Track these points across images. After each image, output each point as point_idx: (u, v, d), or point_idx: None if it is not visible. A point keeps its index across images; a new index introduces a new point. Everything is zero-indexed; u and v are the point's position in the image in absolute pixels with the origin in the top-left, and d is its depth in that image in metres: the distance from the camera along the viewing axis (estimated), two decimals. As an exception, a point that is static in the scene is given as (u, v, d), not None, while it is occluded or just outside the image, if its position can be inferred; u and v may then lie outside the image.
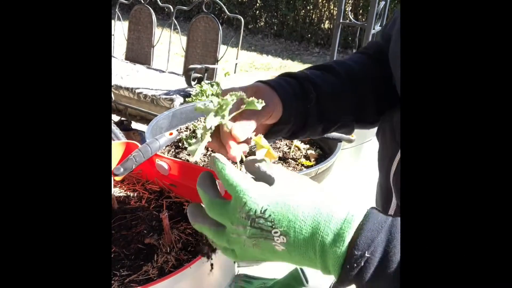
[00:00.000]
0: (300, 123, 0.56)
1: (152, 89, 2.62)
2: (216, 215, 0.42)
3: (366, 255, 0.35)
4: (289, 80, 0.56)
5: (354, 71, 0.62)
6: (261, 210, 0.39)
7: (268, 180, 0.41)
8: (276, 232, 0.38)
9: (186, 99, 2.51)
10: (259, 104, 0.42)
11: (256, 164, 0.42)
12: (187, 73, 2.51)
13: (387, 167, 0.60)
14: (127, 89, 2.65)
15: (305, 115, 0.56)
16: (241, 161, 0.44)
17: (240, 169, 0.44)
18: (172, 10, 2.98)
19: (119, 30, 3.20)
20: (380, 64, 0.64)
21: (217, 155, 0.42)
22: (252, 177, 0.42)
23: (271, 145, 1.01)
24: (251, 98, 0.42)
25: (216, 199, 0.42)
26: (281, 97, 0.52)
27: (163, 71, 2.97)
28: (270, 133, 0.56)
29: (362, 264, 0.35)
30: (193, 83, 2.50)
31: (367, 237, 0.36)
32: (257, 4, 6.90)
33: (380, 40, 0.69)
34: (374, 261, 0.35)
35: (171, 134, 0.80)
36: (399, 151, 0.55)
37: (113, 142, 0.80)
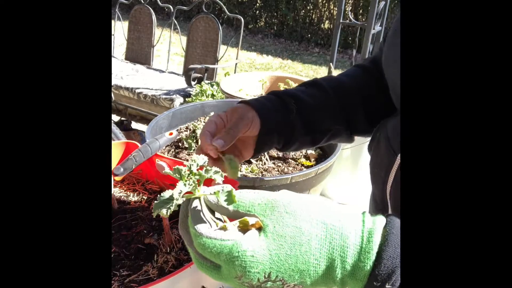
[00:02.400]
0: (287, 134, 0.58)
1: (152, 89, 2.62)
2: (210, 277, 0.37)
3: (387, 287, 0.32)
4: (268, 97, 0.60)
5: (342, 85, 0.64)
6: (265, 276, 0.33)
7: (254, 226, 0.35)
8: (289, 286, 0.34)
9: (186, 99, 2.51)
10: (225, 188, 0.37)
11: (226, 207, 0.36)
12: (187, 73, 2.51)
13: (384, 179, 0.55)
14: (127, 89, 2.65)
15: (290, 126, 0.58)
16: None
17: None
18: (172, 10, 2.98)
19: (119, 30, 3.20)
20: (373, 75, 0.65)
21: (194, 219, 0.36)
22: (235, 225, 0.37)
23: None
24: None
25: (205, 262, 0.36)
26: (257, 110, 0.55)
27: (163, 71, 2.97)
28: (258, 145, 0.58)
29: None
30: (193, 83, 2.50)
31: (388, 267, 0.32)
32: (257, 4, 6.90)
33: (382, 45, 0.69)
34: None
35: (171, 134, 0.80)
36: (396, 160, 0.51)
37: (113, 142, 0.80)
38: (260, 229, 0.35)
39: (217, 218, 0.38)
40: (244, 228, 0.36)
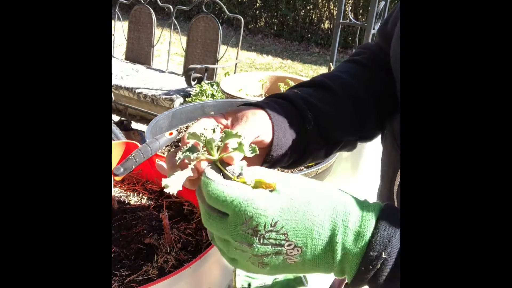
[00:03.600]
0: (299, 152, 0.50)
1: (152, 89, 2.62)
2: (214, 230, 0.37)
3: (383, 256, 0.33)
4: (279, 102, 0.49)
5: (351, 86, 0.56)
6: (271, 223, 0.34)
7: (269, 185, 0.36)
8: (290, 245, 0.34)
9: (186, 99, 2.51)
10: (247, 149, 0.37)
11: (253, 171, 0.37)
12: (187, 73, 2.52)
13: (391, 177, 0.55)
14: (127, 89, 2.65)
15: (305, 141, 0.49)
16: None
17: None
18: (172, 10, 2.98)
19: (119, 30, 3.20)
20: (375, 73, 0.59)
21: (208, 168, 0.37)
22: (249, 185, 0.37)
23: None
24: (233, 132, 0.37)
25: (212, 213, 0.37)
26: (271, 117, 0.45)
27: (163, 71, 2.97)
28: (266, 163, 0.49)
29: (379, 266, 0.33)
30: (193, 83, 2.50)
31: (383, 236, 0.33)
32: (257, 4, 6.90)
33: (378, 40, 0.64)
34: (390, 263, 0.33)
35: (171, 134, 0.80)
36: None
37: (113, 142, 0.80)
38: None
39: None
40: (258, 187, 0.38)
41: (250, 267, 0.37)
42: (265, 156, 0.47)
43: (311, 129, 0.49)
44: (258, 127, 0.43)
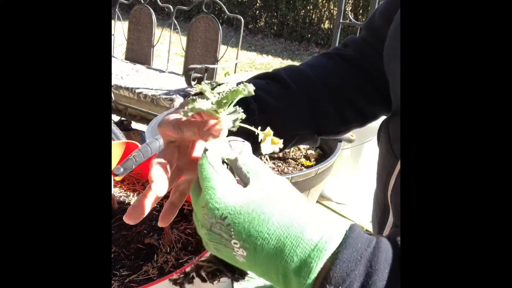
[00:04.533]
0: (248, 139, 0.47)
1: (152, 89, 2.62)
2: (192, 197, 0.38)
3: None
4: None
5: (307, 79, 0.55)
6: (221, 216, 0.33)
7: (244, 179, 0.36)
8: (236, 243, 0.33)
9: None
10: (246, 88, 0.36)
11: (236, 157, 0.37)
12: (187, 73, 2.51)
13: (385, 181, 0.53)
14: (127, 89, 2.65)
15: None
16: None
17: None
18: (172, 10, 2.98)
19: (119, 30, 3.20)
20: (356, 68, 0.58)
21: (210, 146, 0.37)
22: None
23: None
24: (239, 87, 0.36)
25: (196, 187, 0.37)
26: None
27: (163, 71, 2.97)
28: None
29: None
30: (193, 83, 2.50)
31: (343, 269, 0.30)
32: (257, 4, 6.90)
33: (366, 35, 0.62)
34: None
35: (171, 134, 0.80)
36: (398, 164, 0.49)
37: (113, 142, 0.80)
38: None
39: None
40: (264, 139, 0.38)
41: (210, 249, 0.37)
42: None
43: (256, 120, 0.49)
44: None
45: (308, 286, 0.30)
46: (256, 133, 0.39)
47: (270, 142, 0.39)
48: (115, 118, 2.79)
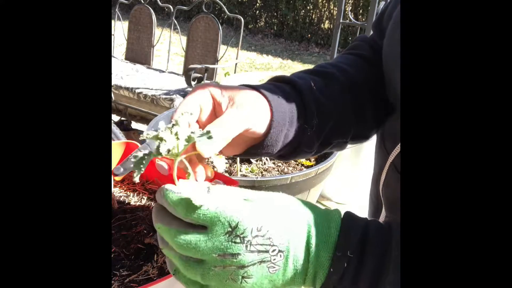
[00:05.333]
0: (290, 148, 0.46)
1: (152, 89, 2.62)
2: (190, 252, 0.34)
3: (348, 254, 0.35)
4: (289, 93, 0.44)
5: (356, 81, 0.52)
6: (257, 228, 0.33)
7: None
8: (274, 250, 0.34)
9: (186, 99, 2.50)
10: (217, 160, 0.35)
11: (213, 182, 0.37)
12: (187, 73, 2.52)
13: (377, 176, 0.55)
14: (127, 89, 2.65)
15: (300, 140, 0.45)
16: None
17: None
18: (172, 10, 2.98)
19: (119, 30, 3.20)
20: (377, 67, 0.55)
21: (166, 185, 0.35)
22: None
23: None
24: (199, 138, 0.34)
25: (184, 229, 0.34)
26: (272, 113, 0.41)
27: (163, 71, 2.97)
28: (248, 153, 0.45)
29: (345, 265, 0.35)
30: (193, 83, 2.50)
31: (346, 238, 0.35)
32: (257, 4, 6.90)
33: (374, 35, 0.61)
34: (354, 262, 0.35)
35: (171, 134, 0.80)
36: (388, 160, 0.51)
37: (113, 142, 0.80)
38: None
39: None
40: None
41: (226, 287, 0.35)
42: (250, 147, 0.44)
43: (311, 134, 0.46)
44: (254, 119, 0.40)
45: (330, 255, 0.35)
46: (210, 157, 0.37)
47: (222, 159, 0.37)
48: (115, 118, 2.79)
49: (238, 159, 1.11)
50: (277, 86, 0.45)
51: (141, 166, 0.34)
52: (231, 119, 0.38)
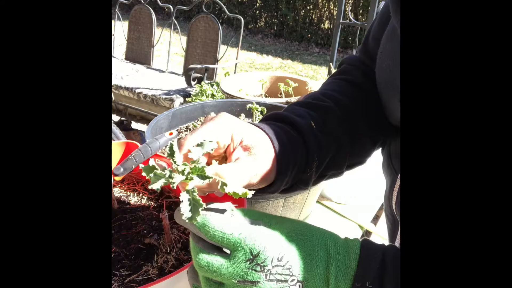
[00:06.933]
0: (287, 185, 0.47)
1: (152, 89, 2.63)
2: (211, 274, 0.35)
3: (368, 286, 0.34)
4: (292, 137, 0.45)
5: (351, 111, 0.52)
6: (278, 257, 0.33)
7: (260, 219, 0.37)
8: (293, 280, 0.34)
9: (186, 99, 2.51)
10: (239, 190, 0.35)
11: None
12: (187, 73, 2.52)
13: (388, 195, 0.55)
14: (127, 89, 2.65)
15: (297, 178, 0.47)
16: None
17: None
18: (172, 10, 2.98)
19: (119, 30, 3.20)
20: (370, 92, 0.55)
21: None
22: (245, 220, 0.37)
23: None
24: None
25: (208, 250, 0.35)
26: (277, 159, 0.42)
27: (163, 71, 2.97)
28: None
29: None
30: (193, 83, 2.50)
31: (365, 268, 0.34)
32: (257, 4, 6.91)
33: (362, 57, 0.60)
34: None
35: (171, 134, 0.80)
36: (398, 179, 0.51)
37: (113, 142, 0.80)
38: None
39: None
40: None
41: None
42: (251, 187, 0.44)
43: (310, 173, 0.47)
44: (261, 168, 0.41)
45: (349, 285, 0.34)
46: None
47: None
48: (115, 118, 2.80)
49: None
50: (280, 128, 0.45)
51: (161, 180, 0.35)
52: (246, 171, 0.39)
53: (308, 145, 0.45)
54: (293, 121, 0.46)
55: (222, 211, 0.36)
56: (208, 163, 0.39)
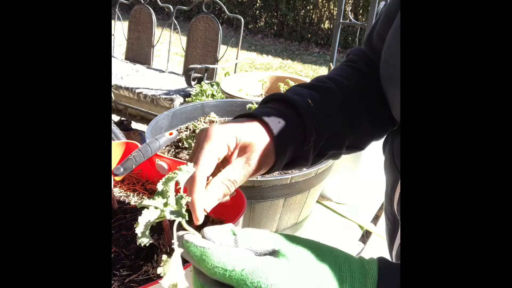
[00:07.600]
0: (288, 161, 0.48)
1: (152, 89, 2.63)
2: None
3: None
4: (288, 116, 0.46)
5: (353, 94, 0.53)
6: None
7: (272, 251, 0.33)
8: None
9: (186, 99, 2.51)
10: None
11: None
12: (187, 73, 2.52)
13: (390, 194, 0.55)
14: (127, 89, 2.65)
15: (295, 155, 0.48)
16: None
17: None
18: (172, 10, 2.98)
19: (119, 30, 3.20)
20: (373, 82, 0.56)
21: (186, 235, 0.33)
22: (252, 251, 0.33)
23: None
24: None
25: (210, 285, 0.32)
26: (277, 150, 0.43)
27: (163, 71, 2.98)
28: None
29: None
30: (193, 83, 2.50)
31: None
32: (257, 4, 6.91)
33: (367, 50, 0.62)
34: None
35: (171, 134, 0.80)
36: (399, 180, 0.51)
37: (113, 142, 0.80)
38: (272, 254, 0.34)
39: None
40: None
41: None
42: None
43: (307, 148, 0.47)
44: (260, 167, 0.43)
45: None
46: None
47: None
48: (115, 118, 2.80)
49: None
50: (277, 110, 0.47)
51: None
52: (241, 175, 0.41)
53: (305, 121, 0.46)
54: (291, 100, 0.48)
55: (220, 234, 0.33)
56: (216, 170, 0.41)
